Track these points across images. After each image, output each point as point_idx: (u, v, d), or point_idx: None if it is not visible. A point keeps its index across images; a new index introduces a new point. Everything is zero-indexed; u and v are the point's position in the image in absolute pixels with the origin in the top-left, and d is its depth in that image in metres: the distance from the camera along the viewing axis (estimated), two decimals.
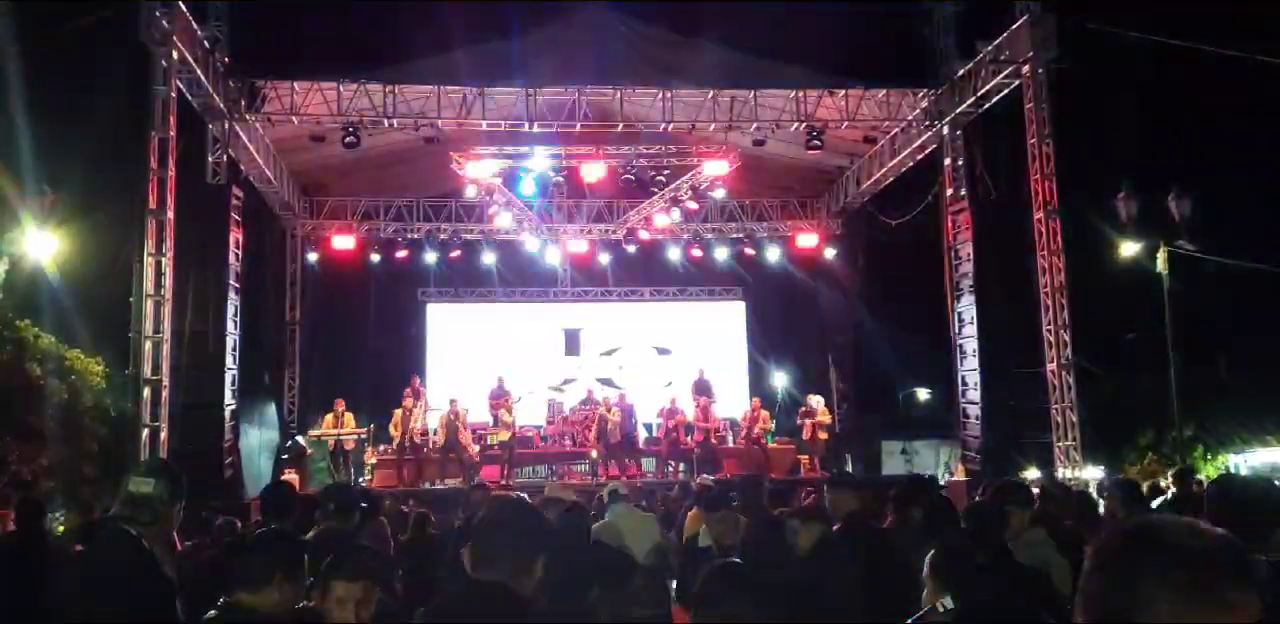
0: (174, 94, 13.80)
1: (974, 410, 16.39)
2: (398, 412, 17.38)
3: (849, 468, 18.82)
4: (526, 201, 20.34)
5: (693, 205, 20.13)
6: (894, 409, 22.46)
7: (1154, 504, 7.01)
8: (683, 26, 15.99)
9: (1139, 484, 6.36)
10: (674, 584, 6.48)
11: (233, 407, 15.52)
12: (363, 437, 17.62)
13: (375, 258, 21.10)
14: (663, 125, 16.96)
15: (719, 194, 19.75)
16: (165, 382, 13.32)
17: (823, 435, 18.32)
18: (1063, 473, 14.33)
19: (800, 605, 3.90)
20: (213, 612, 3.31)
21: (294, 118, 16.22)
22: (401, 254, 21.18)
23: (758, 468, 17.01)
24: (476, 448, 17.56)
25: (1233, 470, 17.20)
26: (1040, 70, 15.03)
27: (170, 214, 13.62)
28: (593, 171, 18.45)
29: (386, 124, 16.23)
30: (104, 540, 3.70)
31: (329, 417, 17.71)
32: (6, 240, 12.55)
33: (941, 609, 3.18)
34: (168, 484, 3.66)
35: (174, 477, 3.71)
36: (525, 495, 3.95)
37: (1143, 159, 17.36)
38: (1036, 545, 4.80)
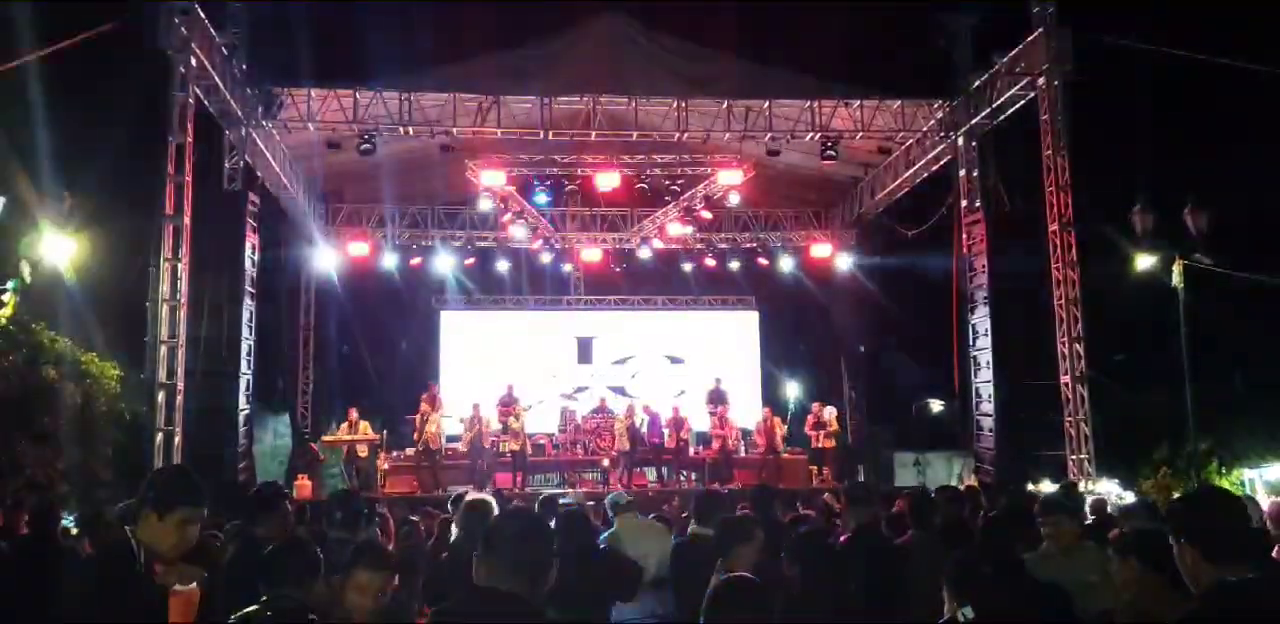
0: (191, 100, 13.90)
1: (987, 422, 16.32)
2: (418, 418, 17.45)
3: (860, 478, 18.74)
4: (540, 210, 20.38)
5: (706, 215, 20.10)
6: (907, 420, 22.39)
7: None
8: (698, 36, 16.00)
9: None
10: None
11: (246, 412, 15.53)
12: (375, 443, 17.63)
13: (390, 264, 21.15)
14: (677, 134, 16.96)
15: (733, 203, 19.72)
16: (180, 386, 13.38)
17: (829, 444, 18.28)
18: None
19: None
20: (254, 607, 3.37)
21: (310, 125, 16.26)
22: (416, 261, 21.26)
23: (771, 478, 16.98)
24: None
25: (1246, 485, 17.06)
26: (1055, 82, 15.01)
27: (187, 219, 13.70)
28: (607, 180, 18.45)
29: (402, 131, 16.27)
30: (101, 542, 3.73)
31: (344, 424, 17.74)
32: (24, 244, 12.58)
33: (962, 619, 3.16)
34: None
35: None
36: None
37: (1159, 172, 17.25)
38: (1087, 557, 4.79)
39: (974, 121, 16.41)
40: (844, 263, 21.94)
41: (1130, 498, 13.51)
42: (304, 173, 19.26)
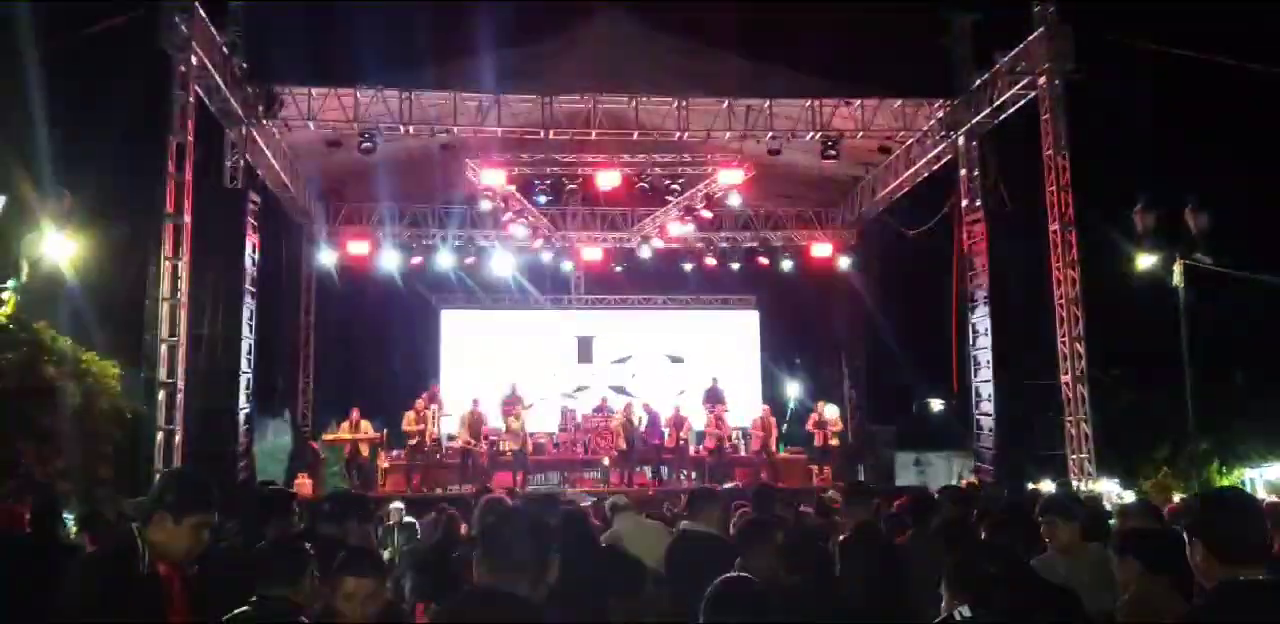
0: (192, 99, 13.86)
1: (988, 422, 16.32)
2: (409, 414, 17.39)
3: (861, 478, 18.75)
4: (541, 209, 20.37)
5: (707, 214, 20.09)
6: (907, 420, 22.41)
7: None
8: (699, 35, 15.97)
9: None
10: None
11: (247, 410, 15.54)
12: (377, 442, 17.62)
13: (390, 263, 21.15)
14: (678, 134, 16.96)
15: (734, 203, 19.71)
16: (180, 385, 13.35)
17: (834, 442, 18.28)
18: (1076, 486, 14.24)
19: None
20: (245, 607, 3.42)
21: (311, 123, 16.27)
22: (416, 260, 21.24)
23: (770, 478, 17.00)
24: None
25: (1247, 485, 17.07)
26: (1056, 81, 14.98)
27: (187, 218, 13.68)
28: (607, 179, 18.44)
29: (402, 130, 16.27)
30: (104, 541, 3.74)
31: (345, 424, 17.74)
32: (25, 243, 12.58)
33: (959, 617, 3.16)
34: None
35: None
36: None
37: (1160, 171, 17.26)
38: (1088, 558, 4.77)
39: (975, 121, 16.39)
40: (844, 262, 21.94)
41: (1130, 498, 13.51)
42: (304, 172, 19.26)
